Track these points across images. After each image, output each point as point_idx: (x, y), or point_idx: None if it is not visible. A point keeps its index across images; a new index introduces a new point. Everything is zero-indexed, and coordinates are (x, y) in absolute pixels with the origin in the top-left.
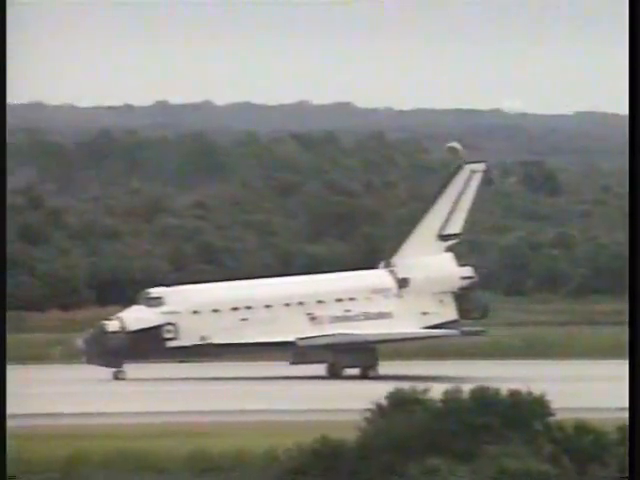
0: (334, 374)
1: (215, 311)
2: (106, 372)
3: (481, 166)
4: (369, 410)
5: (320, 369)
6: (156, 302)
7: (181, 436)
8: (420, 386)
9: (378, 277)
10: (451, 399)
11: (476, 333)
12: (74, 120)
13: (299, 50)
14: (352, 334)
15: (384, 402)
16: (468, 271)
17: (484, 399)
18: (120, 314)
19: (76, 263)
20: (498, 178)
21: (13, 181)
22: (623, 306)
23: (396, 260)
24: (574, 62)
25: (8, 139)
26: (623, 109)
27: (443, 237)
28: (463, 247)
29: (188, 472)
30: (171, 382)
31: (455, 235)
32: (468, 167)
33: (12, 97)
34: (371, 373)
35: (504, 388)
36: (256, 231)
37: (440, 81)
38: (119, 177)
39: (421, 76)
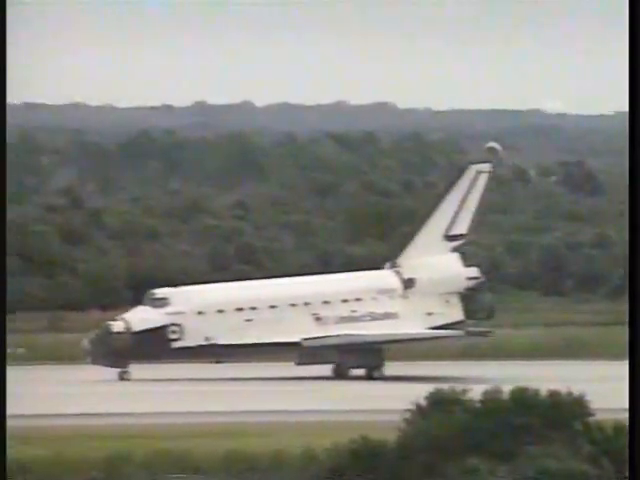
0: (340, 375)
1: (220, 312)
2: (111, 373)
3: (487, 166)
4: (409, 410)
5: (326, 370)
6: (161, 303)
7: (218, 436)
8: (459, 386)
9: (384, 278)
10: (491, 399)
11: (482, 334)
12: (114, 121)
13: (337, 50)
14: (358, 335)
15: (423, 402)
16: (474, 272)
17: (524, 399)
18: (125, 315)
19: (115, 263)
20: (537, 178)
21: (54, 182)
22: None
23: (402, 260)
24: (615, 62)
25: (49, 140)
26: None
27: (449, 238)
28: (503, 247)
29: (225, 472)
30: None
31: (461, 236)
32: (474, 167)
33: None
34: (376, 374)
35: (543, 388)
36: (295, 231)
37: (479, 81)
38: (158, 178)
39: (460, 76)
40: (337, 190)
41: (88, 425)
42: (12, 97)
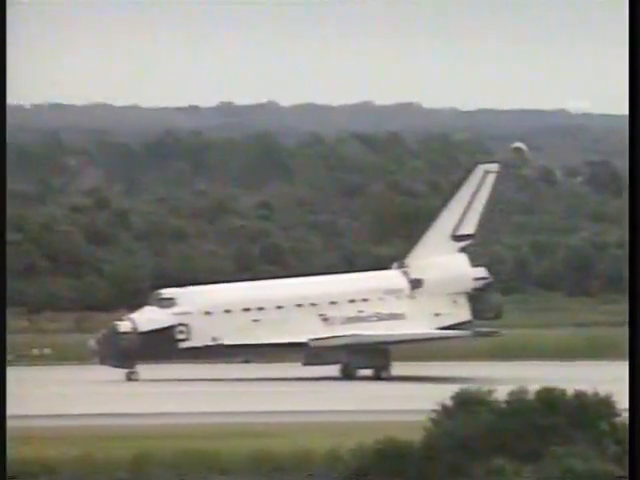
0: (347, 375)
1: (227, 312)
2: (119, 373)
3: (495, 167)
4: (434, 411)
5: (334, 370)
6: (168, 303)
7: (244, 437)
8: (486, 387)
9: (391, 278)
10: (516, 400)
11: (490, 334)
12: (140, 121)
13: (363, 50)
14: (365, 335)
15: (449, 403)
16: (481, 272)
17: (550, 400)
18: (132, 315)
19: (141, 264)
20: (563, 178)
21: (80, 182)
22: None
23: (409, 261)
24: None
25: (74, 140)
26: None
27: (457, 238)
28: (528, 247)
29: (251, 472)
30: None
31: (469, 236)
32: (482, 167)
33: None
34: (384, 374)
35: (570, 389)
36: (321, 232)
37: (505, 81)
38: (184, 178)
39: (486, 76)
40: (363, 190)
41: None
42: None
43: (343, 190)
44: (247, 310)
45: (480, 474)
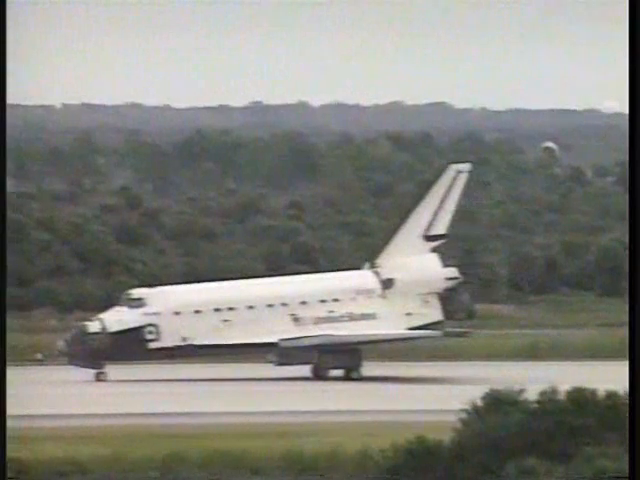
0: (319, 375)
1: (197, 312)
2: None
3: (467, 166)
4: (465, 411)
5: (305, 370)
6: (137, 303)
7: (275, 436)
8: (517, 387)
9: (362, 278)
10: (547, 400)
11: (460, 335)
12: (170, 121)
13: (394, 50)
14: (336, 335)
15: (480, 403)
16: (453, 272)
17: (581, 400)
18: (101, 315)
19: (172, 263)
20: (594, 178)
21: (111, 182)
22: None
23: (381, 261)
24: None
25: (105, 140)
26: None
27: (429, 238)
28: (559, 247)
29: (282, 471)
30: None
31: (441, 236)
32: (454, 167)
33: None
34: (354, 374)
35: (601, 389)
36: (351, 231)
37: (536, 81)
38: (214, 178)
39: (517, 76)
40: (392, 190)
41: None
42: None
43: (372, 190)
44: (218, 310)
45: (511, 474)
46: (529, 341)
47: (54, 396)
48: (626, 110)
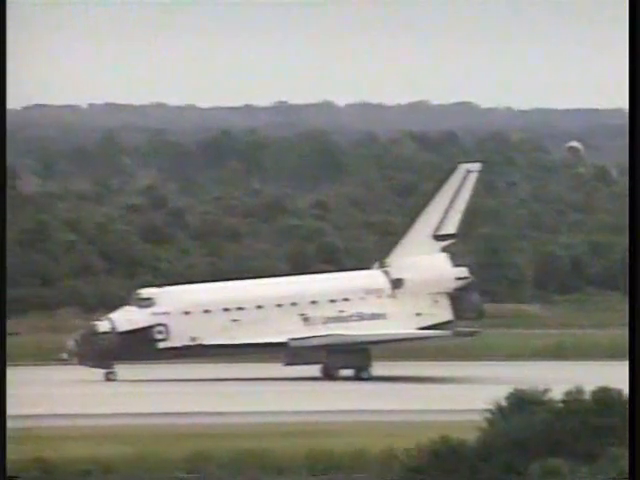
0: (328, 375)
1: (206, 312)
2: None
3: (476, 166)
4: (489, 411)
5: (315, 370)
6: (147, 303)
7: (300, 436)
8: (541, 387)
9: (372, 277)
10: (572, 400)
11: (470, 334)
12: (195, 120)
13: (419, 50)
14: (345, 335)
15: (504, 403)
16: (463, 272)
17: (606, 400)
18: (111, 315)
19: (197, 263)
20: (619, 178)
21: (136, 182)
22: None
23: (390, 260)
24: None
25: (130, 140)
26: None
27: (438, 237)
28: (584, 246)
29: (308, 471)
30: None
31: (450, 235)
32: (464, 167)
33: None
34: (364, 374)
35: (625, 389)
36: (375, 231)
37: (561, 81)
38: (239, 177)
39: (542, 75)
40: (418, 190)
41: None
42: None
43: (397, 189)
44: (227, 310)
45: (536, 474)
46: (554, 341)
47: (70, 396)
48: None
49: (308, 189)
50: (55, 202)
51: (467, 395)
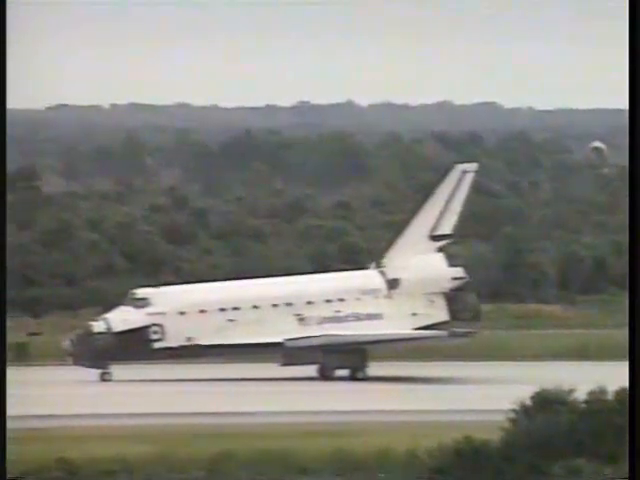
0: (325, 375)
1: (202, 312)
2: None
3: (473, 166)
4: (513, 411)
5: (311, 370)
6: (142, 303)
7: (324, 436)
8: (565, 387)
9: (368, 278)
10: (596, 400)
11: (465, 335)
12: (218, 121)
13: (442, 50)
14: (341, 335)
15: (527, 403)
16: (459, 272)
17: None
18: (106, 315)
19: (219, 263)
20: None
21: (159, 182)
22: None
23: (386, 261)
24: None
25: (153, 140)
26: None
27: (434, 238)
28: (608, 246)
29: (331, 471)
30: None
31: (446, 236)
32: (460, 167)
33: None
34: (360, 374)
35: None
36: (398, 231)
37: (585, 80)
38: (262, 177)
39: (564, 76)
40: None
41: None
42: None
43: (420, 190)
44: (222, 310)
45: (559, 474)
46: (577, 341)
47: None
48: None
49: (331, 189)
50: (78, 202)
51: (489, 395)
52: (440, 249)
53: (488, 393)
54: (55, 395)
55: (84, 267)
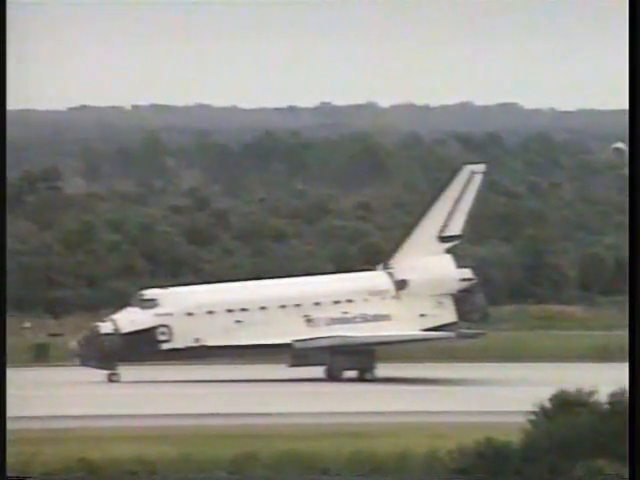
0: (333, 377)
1: (210, 313)
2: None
3: (481, 167)
4: (533, 412)
5: (319, 371)
6: (150, 304)
7: (344, 437)
8: (586, 388)
9: (376, 279)
10: (617, 401)
11: (473, 336)
12: (239, 122)
13: (463, 51)
14: (349, 336)
15: (548, 404)
16: (467, 273)
17: None
18: (114, 316)
19: (241, 264)
20: None
21: (179, 183)
22: None
23: (395, 262)
24: None
25: (174, 141)
26: None
27: (443, 239)
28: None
29: (351, 472)
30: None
31: (455, 237)
32: (468, 168)
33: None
34: (368, 376)
35: None
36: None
37: (606, 81)
38: (283, 178)
39: (586, 76)
40: None
41: (214, 425)
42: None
43: (441, 190)
44: (230, 311)
45: (581, 475)
46: (599, 342)
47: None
48: None
49: (352, 190)
50: (99, 203)
51: (510, 396)
52: (449, 250)
53: (508, 394)
54: (70, 396)
55: (105, 268)
